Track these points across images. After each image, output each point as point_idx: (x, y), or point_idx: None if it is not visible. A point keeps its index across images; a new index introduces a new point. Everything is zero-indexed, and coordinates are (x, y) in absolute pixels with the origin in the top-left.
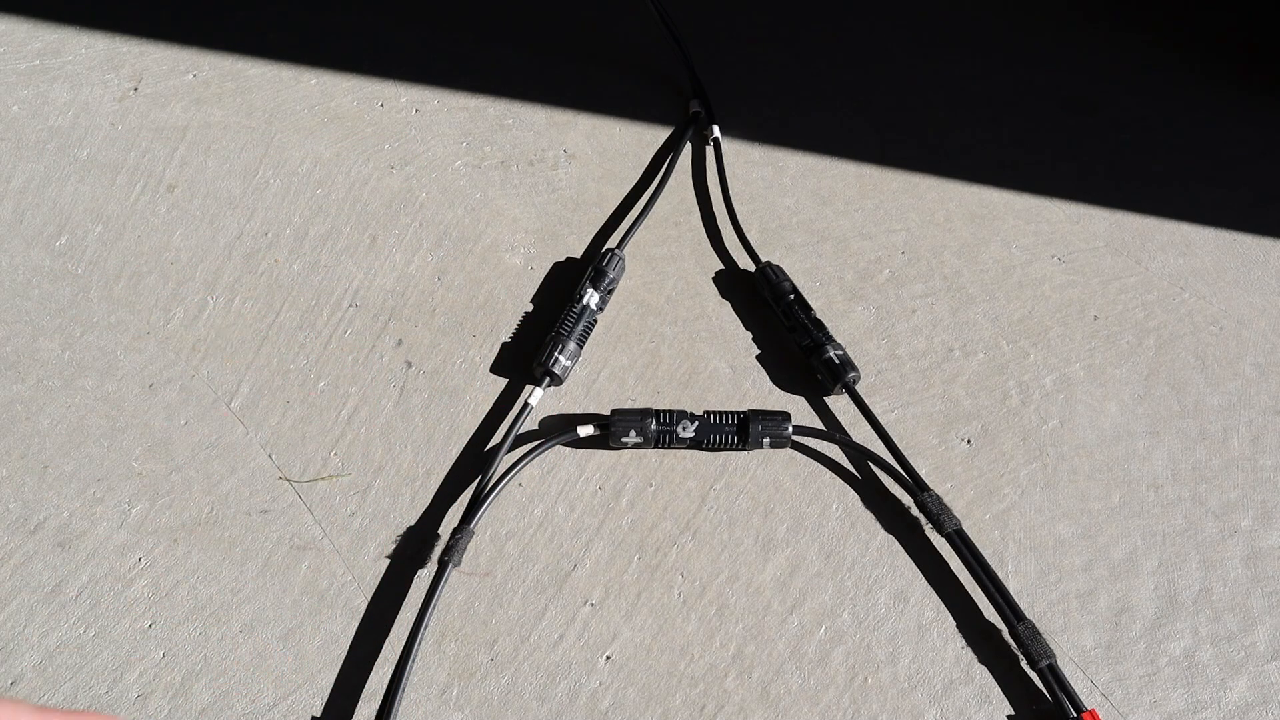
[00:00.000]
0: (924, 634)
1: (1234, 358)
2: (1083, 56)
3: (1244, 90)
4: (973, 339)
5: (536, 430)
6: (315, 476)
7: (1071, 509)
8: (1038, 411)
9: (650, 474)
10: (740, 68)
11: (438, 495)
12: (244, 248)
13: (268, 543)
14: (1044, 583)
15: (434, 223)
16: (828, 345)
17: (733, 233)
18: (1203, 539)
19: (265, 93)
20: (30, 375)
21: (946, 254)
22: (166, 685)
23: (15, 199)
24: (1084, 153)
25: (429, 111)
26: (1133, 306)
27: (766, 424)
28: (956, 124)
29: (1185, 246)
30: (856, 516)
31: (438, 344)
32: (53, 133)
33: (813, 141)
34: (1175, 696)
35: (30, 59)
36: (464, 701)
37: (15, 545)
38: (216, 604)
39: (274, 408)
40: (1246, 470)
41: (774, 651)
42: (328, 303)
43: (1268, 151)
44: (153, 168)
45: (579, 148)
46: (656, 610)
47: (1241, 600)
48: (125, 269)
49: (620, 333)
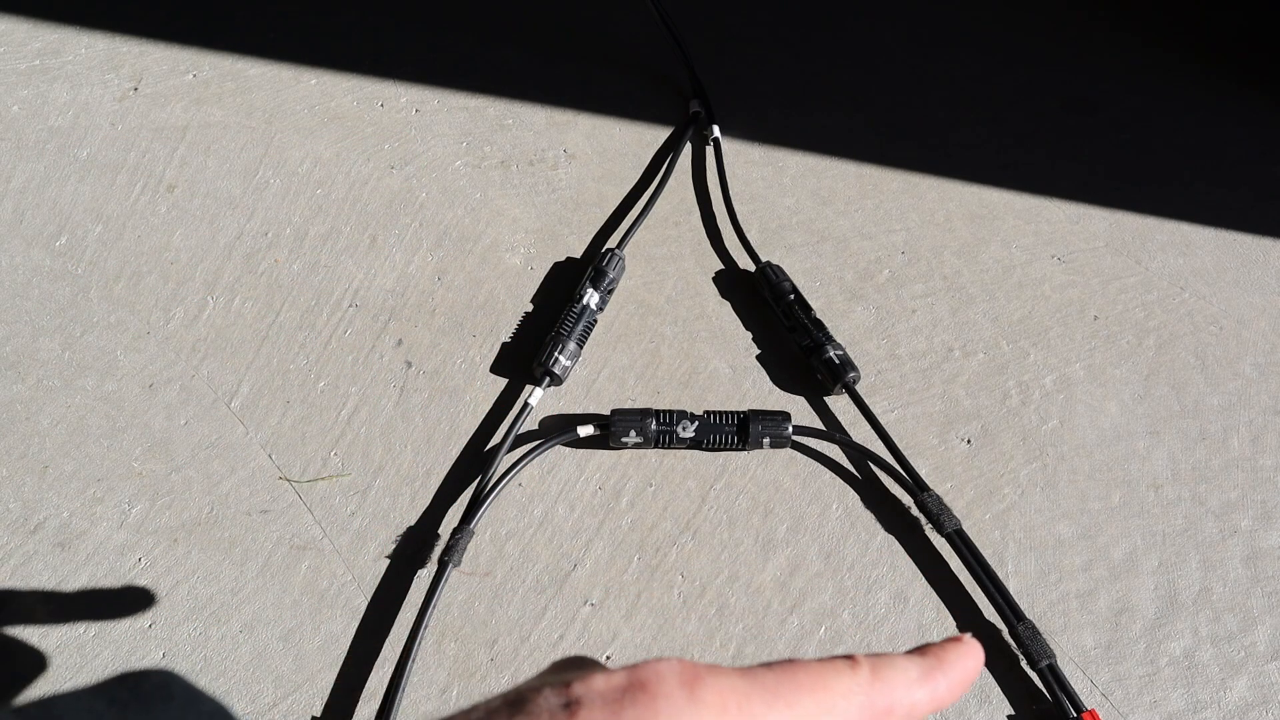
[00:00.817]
0: (924, 634)
1: (1234, 358)
2: (1083, 56)
3: (1244, 90)
4: (973, 339)
5: (536, 430)
6: (315, 476)
7: (1071, 509)
8: (1038, 411)
9: (650, 474)
10: (740, 68)
11: (438, 495)
12: (244, 248)
13: (268, 543)
14: (1044, 583)
15: (434, 223)
16: (828, 345)
17: (733, 233)
18: (1203, 539)
19: (265, 93)
20: (30, 375)
21: (946, 254)
22: None
23: (15, 199)
24: (1084, 153)
25: (429, 111)
26: (1133, 306)
27: (766, 424)
28: (956, 124)
29: (1185, 246)
30: (856, 516)
31: (438, 344)
32: (53, 133)
33: (813, 141)
34: (1175, 696)
35: (30, 59)
36: (464, 701)
37: (15, 545)
38: (216, 604)
39: (274, 408)
40: (1246, 470)
41: (774, 651)
42: (328, 303)
43: (1268, 151)
44: (153, 168)
45: (579, 148)
46: (656, 610)
47: (1241, 600)
48: (125, 269)
49: (620, 333)
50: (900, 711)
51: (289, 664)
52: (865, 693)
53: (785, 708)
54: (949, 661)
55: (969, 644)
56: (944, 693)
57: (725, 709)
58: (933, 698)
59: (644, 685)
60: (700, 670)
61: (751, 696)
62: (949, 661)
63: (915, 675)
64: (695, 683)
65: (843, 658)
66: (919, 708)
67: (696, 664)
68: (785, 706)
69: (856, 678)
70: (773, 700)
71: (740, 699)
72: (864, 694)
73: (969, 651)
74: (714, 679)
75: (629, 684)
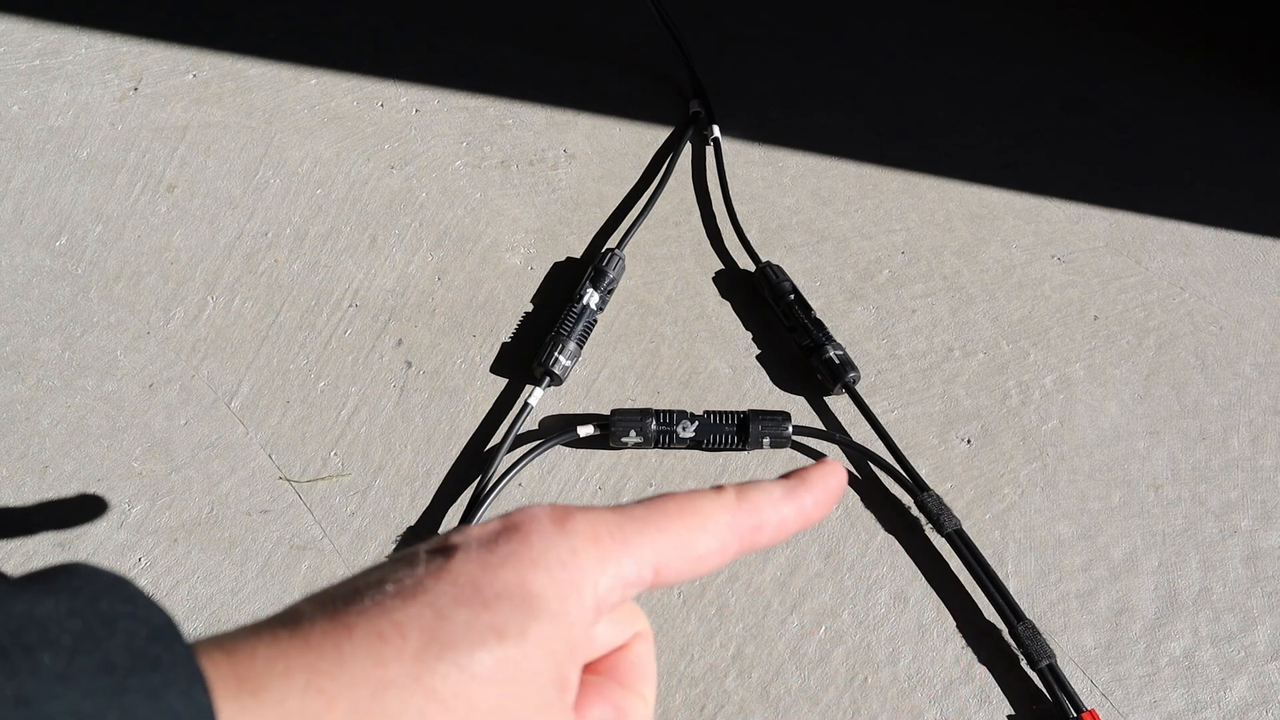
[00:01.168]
0: (924, 634)
1: (1234, 358)
2: (1083, 56)
3: (1244, 90)
4: (973, 339)
5: (536, 430)
6: (315, 476)
7: (1071, 509)
8: (1038, 411)
9: (650, 474)
10: (740, 68)
11: (438, 495)
12: (244, 248)
13: (268, 543)
14: (1044, 583)
15: (434, 223)
16: (828, 345)
17: (733, 233)
18: (1203, 539)
19: (265, 93)
20: (30, 375)
21: (946, 254)
22: None
23: (15, 199)
24: (1084, 153)
25: (429, 111)
26: (1133, 306)
27: (766, 424)
28: (956, 124)
29: (1185, 246)
30: (856, 516)
31: (438, 344)
32: (53, 133)
33: (813, 141)
34: (1175, 696)
35: (30, 59)
36: None
37: (15, 545)
38: (216, 604)
39: (274, 408)
40: (1246, 470)
41: (774, 651)
42: (328, 303)
43: (1268, 151)
44: (153, 168)
45: (579, 148)
46: (656, 610)
47: (1241, 600)
48: (125, 269)
49: (620, 333)
50: (769, 530)
51: None
52: (732, 513)
53: (656, 532)
54: (812, 480)
55: (831, 464)
56: (811, 508)
57: (598, 538)
58: (800, 512)
59: (517, 526)
60: (571, 509)
61: (624, 525)
62: (812, 480)
63: (780, 495)
64: (566, 519)
65: (711, 488)
66: (787, 523)
67: (569, 505)
68: (656, 531)
69: (723, 499)
70: (643, 527)
71: (611, 528)
72: (730, 514)
73: (831, 470)
74: (585, 514)
75: (503, 528)
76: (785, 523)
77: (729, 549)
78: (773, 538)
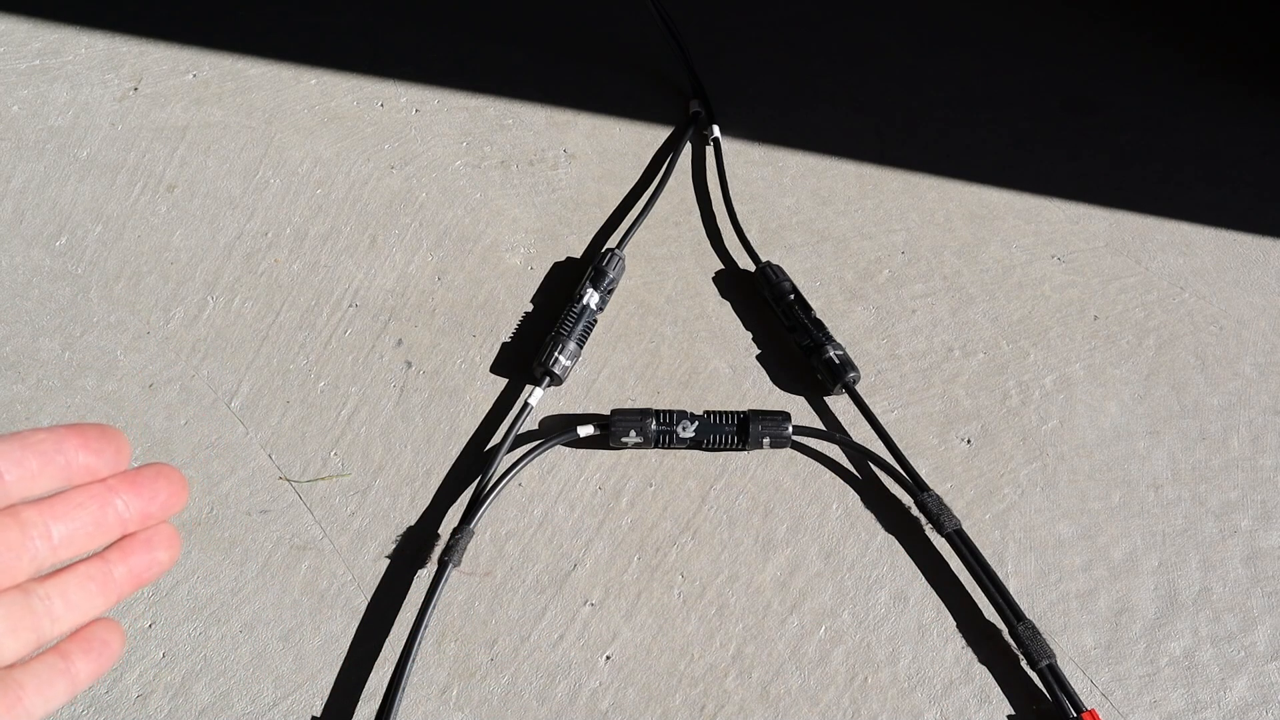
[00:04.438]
0: (924, 634)
1: (1234, 358)
2: (1083, 56)
3: (1244, 90)
4: (973, 339)
5: (536, 430)
6: (315, 476)
7: (1071, 509)
8: (1038, 411)
9: (650, 474)
10: (740, 68)
11: (438, 495)
12: (244, 248)
13: (268, 543)
14: (1044, 583)
15: (434, 223)
16: (828, 345)
17: (733, 233)
18: (1203, 539)
19: (265, 93)
20: (30, 375)
21: (946, 254)
22: (166, 685)
23: (15, 199)
24: (1084, 153)
25: (429, 111)
26: (1133, 306)
27: (766, 424)
28: (956, 124)
29: (1185, 246)
30: (856, 516)
31: (438, 344)
32: (53, 133)
33: (813, 141)
34: (1175, 696)
35: (30, 59)
36: (464, 701)
37: None
38: (216, 604)
39: (274, 408)
40: (1246, 470)
41: (774, 651)
42: (328, 303)
43: (1268, 151)
44: (153, 168)
45: (579, 148)
46: (656, 610)
47: (1241, 600)
48: (125, 269)
49: (620, 333)
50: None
51: (289, 664)
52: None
53: None
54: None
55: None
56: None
57: None
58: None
59: None
60: None
61: None
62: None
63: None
64: None
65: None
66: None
67: None
68: None
69: None
70: None
71: None
72: None
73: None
74: None
75: None
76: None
77: None
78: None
